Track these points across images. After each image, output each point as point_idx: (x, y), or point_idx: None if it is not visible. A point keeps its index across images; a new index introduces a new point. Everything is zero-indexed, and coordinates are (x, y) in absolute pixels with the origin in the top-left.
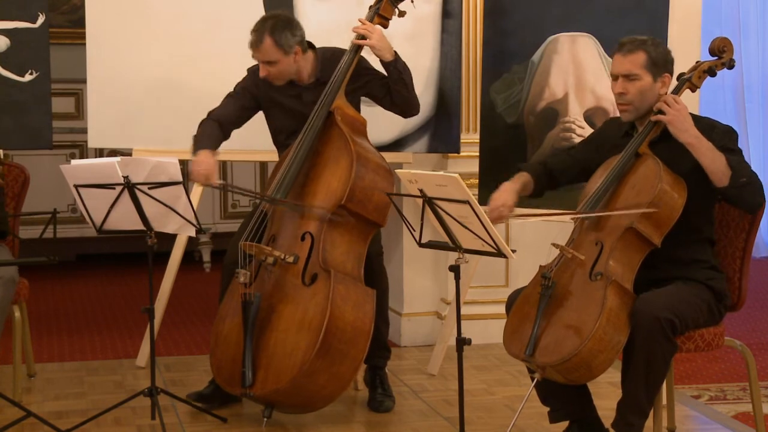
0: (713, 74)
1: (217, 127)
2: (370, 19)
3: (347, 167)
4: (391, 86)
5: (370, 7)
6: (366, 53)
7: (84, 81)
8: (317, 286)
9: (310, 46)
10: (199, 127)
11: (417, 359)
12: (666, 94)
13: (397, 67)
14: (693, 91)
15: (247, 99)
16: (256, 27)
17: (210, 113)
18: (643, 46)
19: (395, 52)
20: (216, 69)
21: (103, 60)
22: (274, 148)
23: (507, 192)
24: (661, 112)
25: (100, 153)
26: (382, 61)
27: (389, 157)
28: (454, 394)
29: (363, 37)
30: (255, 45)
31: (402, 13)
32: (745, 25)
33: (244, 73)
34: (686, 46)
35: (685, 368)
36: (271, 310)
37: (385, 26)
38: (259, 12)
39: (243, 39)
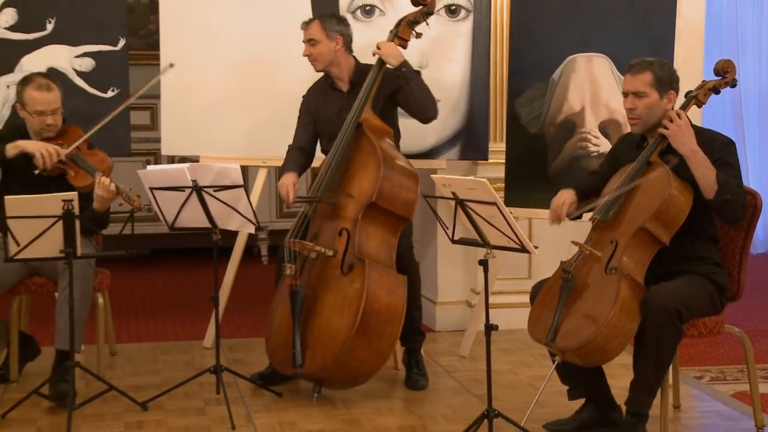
0: (717, 92)
1: (298, 153)
2: (390, 41)
3: (375, 170)
4: (403, 88)
5: (391, 30)
6: None
7: (158, 97)
8: (354, 274)
9: (352, 56)
10: (286, 156)
11: (449, 343)
12: (672, 109)
13: (404, 72)
14: (699, 107)
15: (308, 120)
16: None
17: (290, 145)
18: (650, 67)
19: (404, 61)
20: (273, 85)
21: (174, 78)
22: (322, 156)
23: (567, 192)
24: (665, 126)
25: (171, 160)
26: (392, 68)
27: (425, 163)
28: (483, 373)
29: (377, 50)
30: (305, 24)
31: (419, 35)
32: (742, 45)
33: (297, 89)
34: (690, 65)
35: (689, 352)
36: (315, 298)
37: (404, 47)
38: None
39: (296, 59)
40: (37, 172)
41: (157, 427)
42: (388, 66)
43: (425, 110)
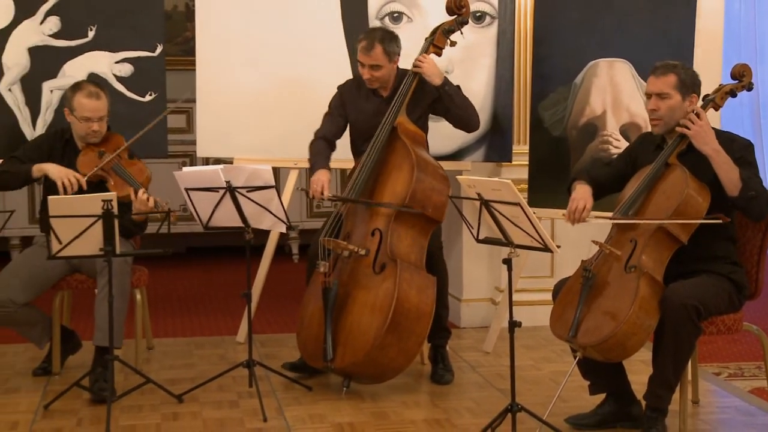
0: (734, 95)
1: (324, 144)
2: (426, 49)
3: (409, 173)
4: (447, 105)
5: (426, 38)
6: None
7: (193, 101)
8: (386, 274)
9: None
10: (311, 147)
11: (474, 339)
12: (693, 112)
13: (445, 90)
14: (716, 109)
15: (340, 114)
16: (367, 35)
17: (316, 133)
18: (674, 70)
19: (445, 77)
20: (303, 90)
21: (209, 83)
22: (352, 157)
23: (587, 194)
24: (686, 126)
25: (206, 161)
26: (435, 87)
27: (451, 165)
28: (506, 369)
29: (417, 66)
30: (367, 50)
31: (453, 43)
32: (761, 50)
33: (327, 94)
34: (709, 69)
35: (708, 349)
36: (347, 295)
37: (439, 54)
38: (340, 42)
39: (326, 64)
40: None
41: (192, 419)
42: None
43: (469, 122)
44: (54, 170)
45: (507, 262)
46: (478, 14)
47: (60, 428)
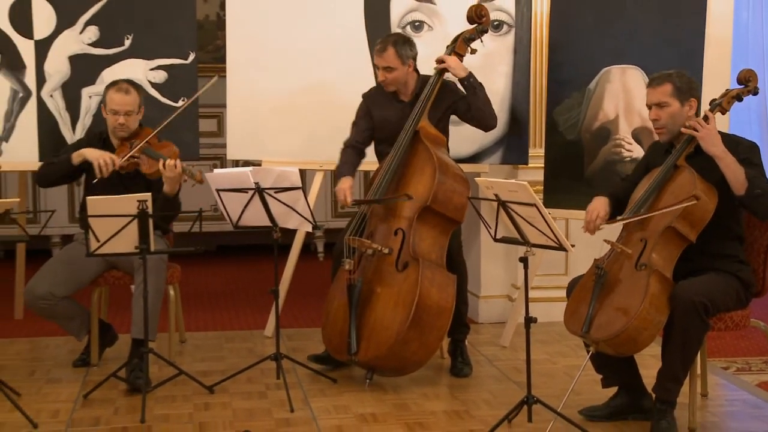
0: (740, 100)
1: (352, 152)
2: (447, 55)
3: (431, 175)
4: (469, 99)
5: (448, 46)
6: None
7: (224, 106)
8: (408, 272)
9: (415, 69)
10: (340, 156)
11: (491, 334)
12: (693, 115)
13: (471, 82)
14: (723, 113)
15: (366, 121)
16: (383, 39)
17: (345, 142)
18: (668, 79)
19: (470, 72)
20: (328, 96)
21: (239, 89)
22: (374, 159)
23: (601, 204)
24: (695, 129)
25: (236, 163)
26: (459, 79)
27: (469, 167)
28: (523, 363)
29: (441, 62)
30: (380, 52)
31: (473, 51)
32: None
33: (350, 99)
34: (718, 76)
35: (716, 344)
36: (371, 292)
37: (460, 61)
38: (364, 50)
39: (350, 71)
40: (95, 181)
41: (222, 408)
42: (447, 78)
43: (487, 119)
44: (91, 153)
45: (523, 260)
46: (496, 23)
47: (98, 417)
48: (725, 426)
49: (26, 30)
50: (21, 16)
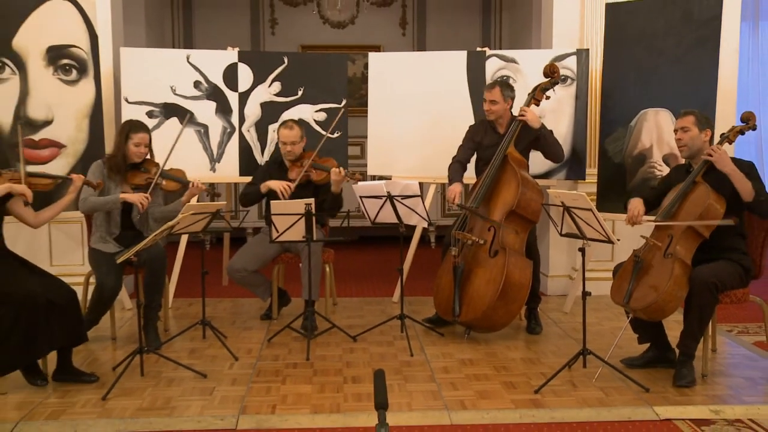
0: (743, 134)
1: (459, 166)
2: (528, 102)
3: (516, 188)
4: (541, 141)
5: (528, 93)
6: None
7: (365, 137)
8: (498, 258)
9: (510, 109)
10: (450, 168)
11: (557, 303)
12: (708, 141)
13: (542, 132)
14: (730, 144)
15: (470, 145)
16: (493, 81)
17: (453, 158)
18: (692, 112)
19: (542, 123)
20: (441, 128)
21: (376, 125)
22: (475, 175)
23: (639, 203)
24: (710, 155)
25: (374, 178)
26: (533, 129)
27: (543, 182)
28: (580, 324)
29: (522, 115)
30: (490, 88)
31: (548, 97)
32: (764, 98)
33: (455, 131)
34: (726, 117)
35: (723, 313)
36: (470, 272)
37: (537, 105)
38: (466, 96)
39: (455, 111)
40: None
41: (362, 353)
42: (530, 126)
43: (557, 156)
44: (274, 184)
45: (581, 250)
46: (563, 77)
47: (277, 354)
48: (728, 372)
49: (233, 85)
50: (230, 76)
